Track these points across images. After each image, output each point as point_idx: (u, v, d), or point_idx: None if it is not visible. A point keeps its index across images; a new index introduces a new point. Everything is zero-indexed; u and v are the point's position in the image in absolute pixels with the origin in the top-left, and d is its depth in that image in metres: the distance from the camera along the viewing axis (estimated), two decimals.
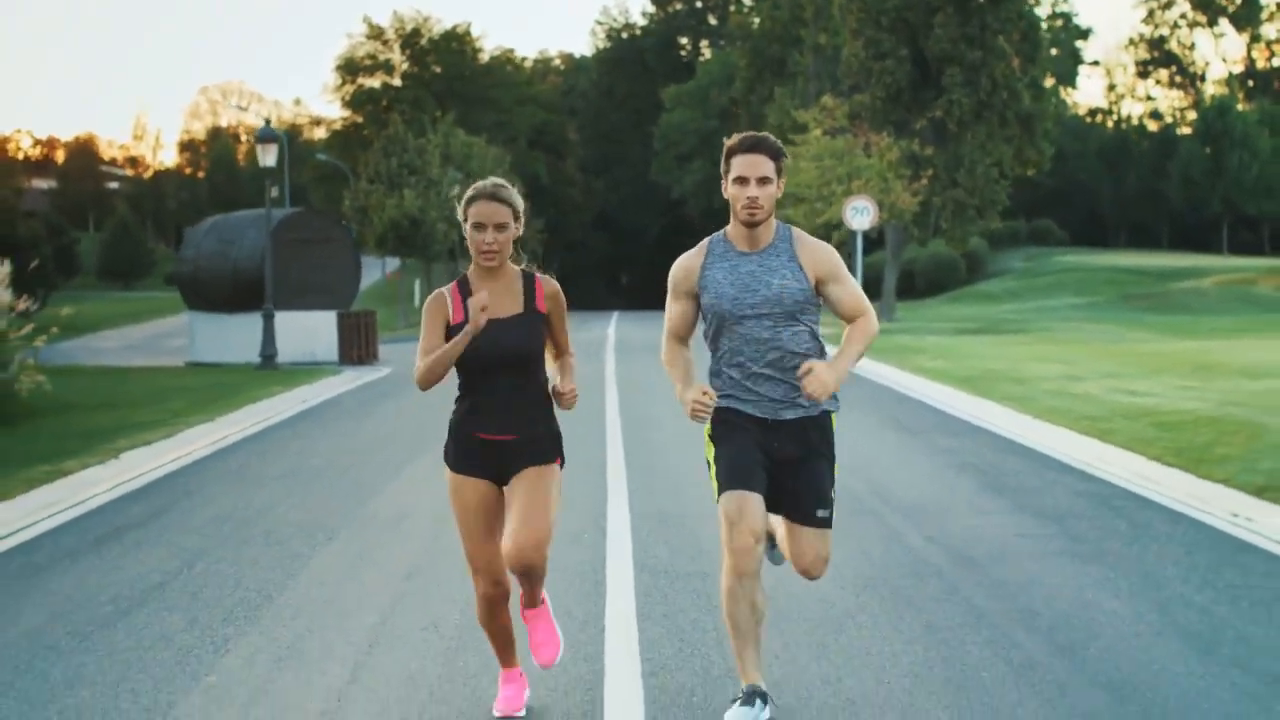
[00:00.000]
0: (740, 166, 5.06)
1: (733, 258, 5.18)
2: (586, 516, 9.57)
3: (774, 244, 5.18)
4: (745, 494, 5.09)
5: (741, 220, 5.12)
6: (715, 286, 5.15)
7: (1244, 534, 8.91)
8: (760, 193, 5.05)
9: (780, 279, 5.12)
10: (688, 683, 5.78)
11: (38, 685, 5.92)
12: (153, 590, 7.68)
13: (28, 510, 10.41)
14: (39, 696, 5.76)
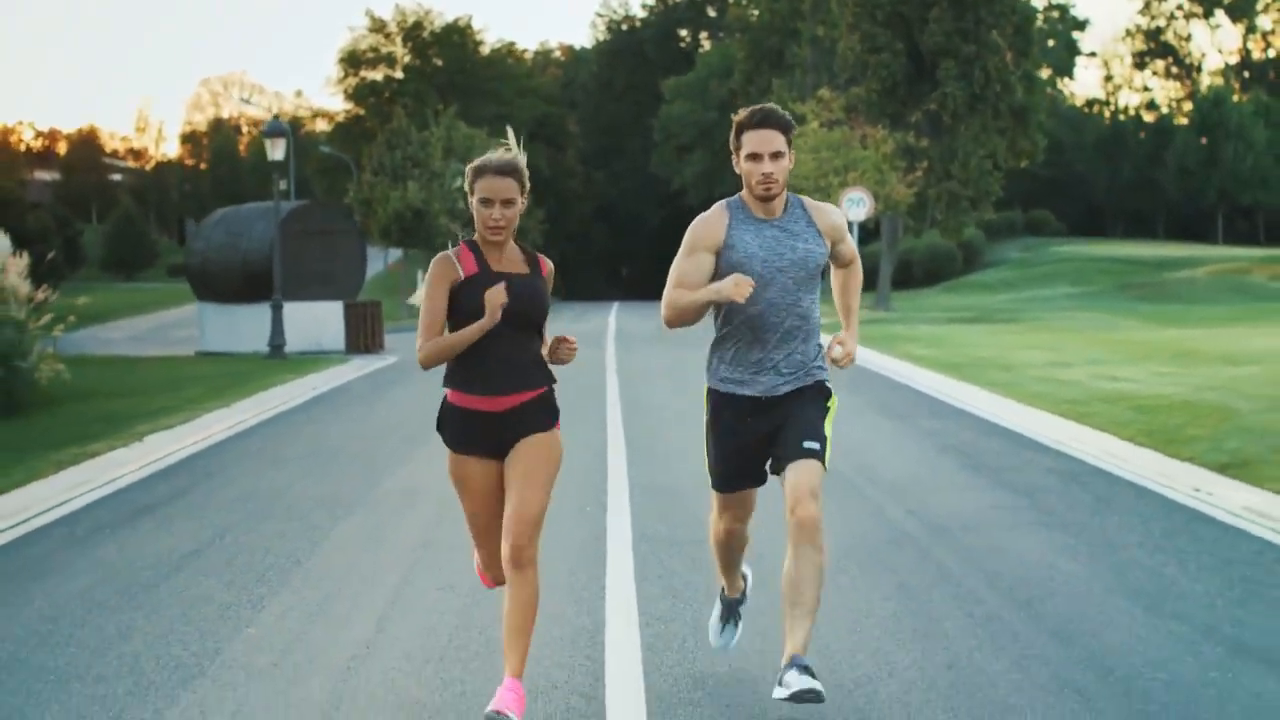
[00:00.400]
0: (752, 143, 5.12)
1: (755, 223, 5.23)
2: (588, 492, 10.22)
3: (789, 210, 5.28)
4: (734, 495, 5.47)
5: (758, 195, 5.19)
6: (744, 246, 5.19)
7: (1203, 506, 9.55)
8: (774, 168, 5.12)
9: (804, 243, 5.23)
10: (680, 631, 6.43)
11: (95, 637, 6.57)
12: (189, 557, 8.33)
13: (62, 488, 11.05)
14: (98, 646, 6.40)
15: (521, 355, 5.16)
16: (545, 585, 7.05)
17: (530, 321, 5.15)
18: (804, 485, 5.10)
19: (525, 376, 5.17)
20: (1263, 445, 11.75)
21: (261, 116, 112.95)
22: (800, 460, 5.15)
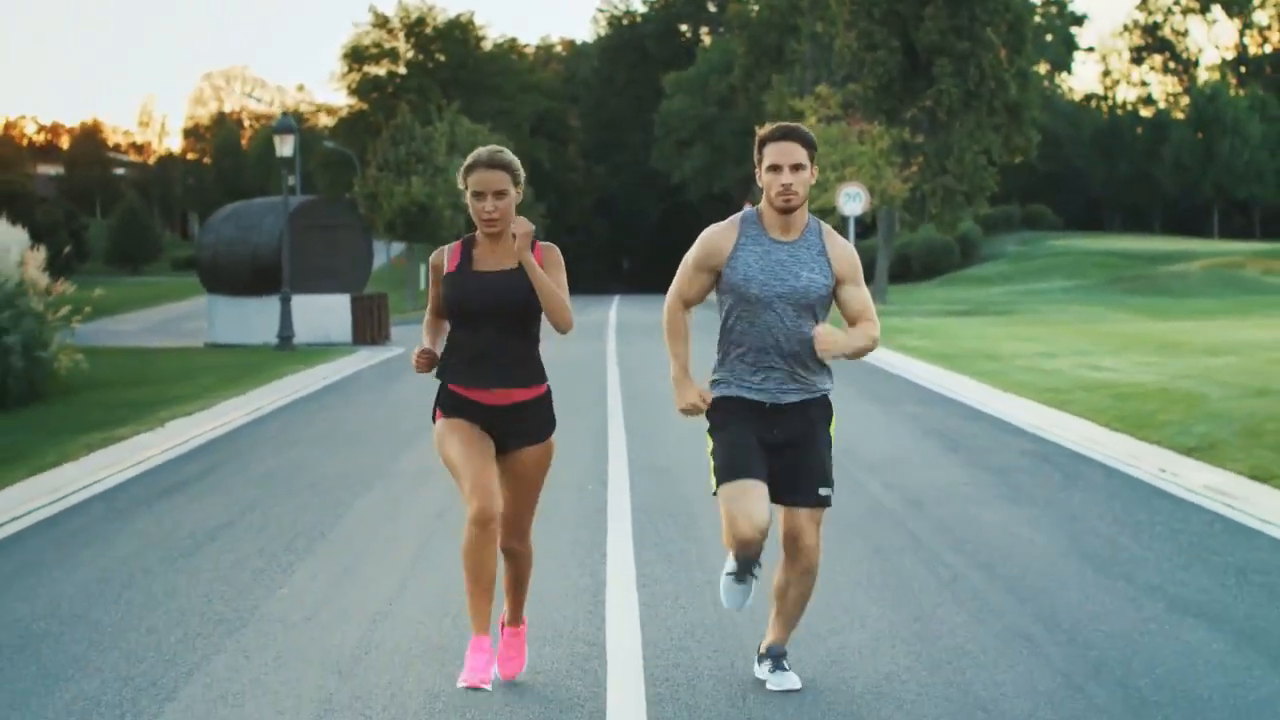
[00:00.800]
0: (773, 154, 5.16)
1: (765, 243, 5.25)
2: (589, 471, 10.90)
3: (805, 236, 5.28)
4: (744, 482, 5.21)
5: (777, 207, 5.20)
6: (744, 268, 5.23)
7: (1165, 485, 10.23)
8: (794, 179, 5.15)
9: (809, 272, 5.22)
10: (675, 590, 7.11)
11: (142, 595, 7.25)
12: (222, 528, 9.01)
13: (93, 468, 11.73)
14: (146, 603, 7.08)
15: (509, 351, 5.24)
16: (550, 553, 7.76)
17: (510, 317, 5.21)
18: (808, 521, 5.27)
19: (515, 373, 5.25)
20: (1229, 430, 12.43)
21: (265, 111, 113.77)
22: (811, 509, 5.28)
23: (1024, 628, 6.36)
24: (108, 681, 5.72)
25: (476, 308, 5.17)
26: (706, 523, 8.83)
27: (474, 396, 5.25)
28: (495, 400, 5.24)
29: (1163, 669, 5.71)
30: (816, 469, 5.26)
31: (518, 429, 5.29)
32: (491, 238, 5.24)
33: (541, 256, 5.27)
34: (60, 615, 6.87)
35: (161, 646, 6.24)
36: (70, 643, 6.36)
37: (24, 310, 18.98)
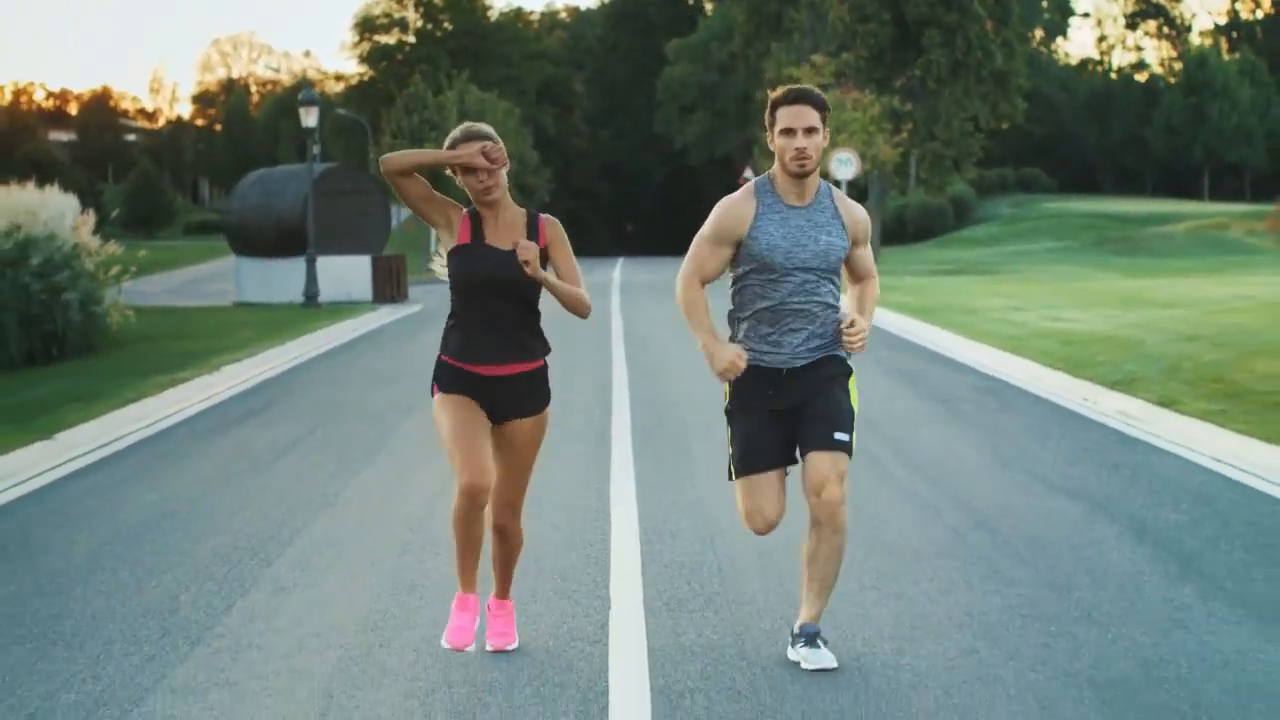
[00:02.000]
0: (786, 118, 5.13)
1: (782, 210, 5.22)
2: (596, 402, 12.78)
3: (818, 200, 5.26)
4: (758, 477, 5.31)
5: (791, 172, 5.17)
6: (767, 237, 5.19)
7: (1083, 410, 12.09)
8: (808, 143, 5.11)
9: (827, 235, 5.22)
10: (665, 483, 8.99)
11: (243, 489, 9.14)
12: (293, 444, 10.91)
13: (169, 403, 13.61)
14: (247, 494, 8.97)
15: (514, 325, 5.28)
16: (563, 459, 9.64)
17: (516, 292, 5.24)
18: (829, 469, 5.14)
19: (515, 348, 5.29)
20: (1152, 368, 14.28)
21: (271, 77, 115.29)
22: (829, 452, 5.17)
23: (934, 503, 8.24)
24: (237, 538, 7.62)
25: (487, 282, 5.18)
26: (695, 441, 10.74)
27: (472, 369, 5.28)
28: (492, 371, 5.27)
29: (1026, 525, 7.60)
30: (832, 414, 5.19)
31: (513, 401, 5.31)
32: (490, 208, 5.27)
33: (546, 234, 5.31)
34: (182, 501, 8.76)
35: (269, 520, 8.12)
36: (198, 517, 8.25)
37: (79, 270, 20.84)
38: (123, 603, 6.35)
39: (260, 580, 6.70)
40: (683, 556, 7.04)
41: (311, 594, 6.45)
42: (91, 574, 6.92)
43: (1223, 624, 5.76)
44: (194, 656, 5.52)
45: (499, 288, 5.20)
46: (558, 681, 5.13)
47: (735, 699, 4.93)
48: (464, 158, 5.11)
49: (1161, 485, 8.71)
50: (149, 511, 8.44)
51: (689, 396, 12.89)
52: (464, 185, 5.22)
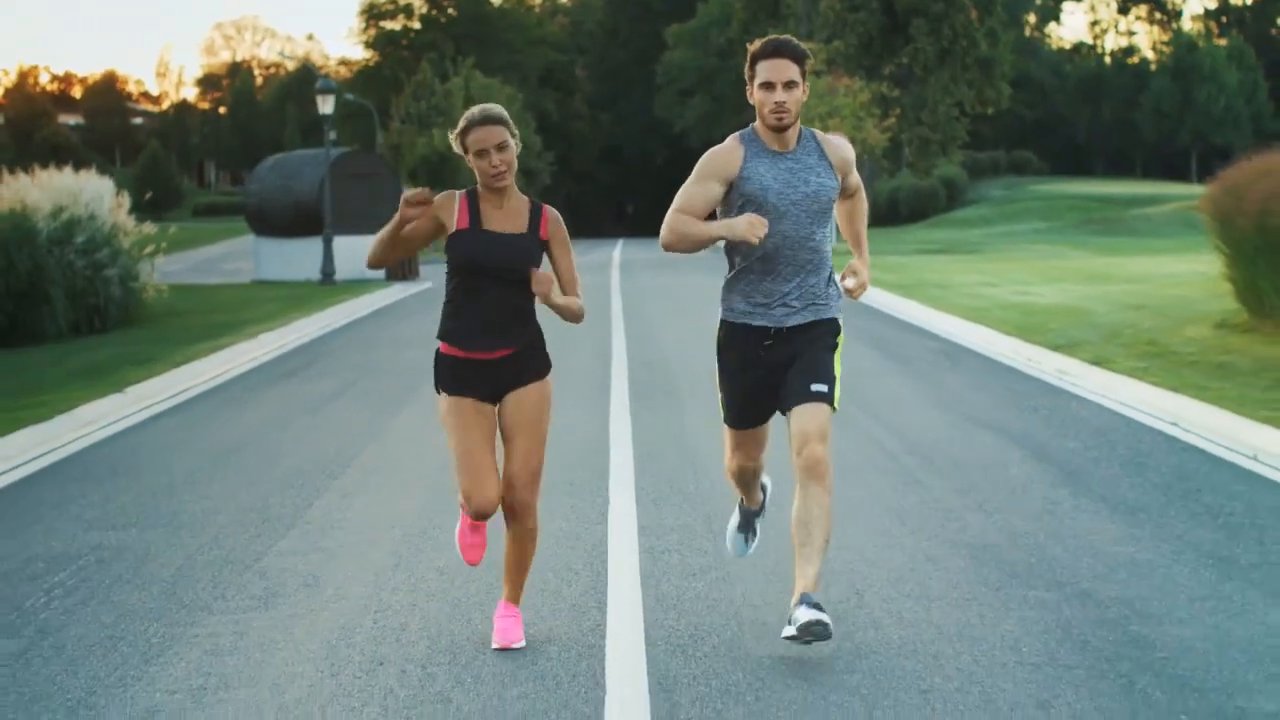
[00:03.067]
0: (765, 71, 5.09)
1: (769, 154, 5.22)
2: (596, 361, 14.47)
3: (802, 144, 5.27)
4: (746, 431, 5.49)
5: (770, 125, 5.16)
6: (759, 178, 5.18)
7: (1024, 368, 13.76)
8: (787, 97, 5.09)
9: (817, 177, 5.22)
10: (660, 424, 10.68)
11: (297, 430, 10.83)
12: (335, 395, 12.61)
13: (218, 364, 15.29)
14: (301, 434, 10.67)
15: (509, 311, 5.25)
16: (567, 405, 11.32)
17: (515, 279, 5.21)
18: (812, 426, 5.13)
19: (513, 334, 5.27)
20: (1096, 334, 15.96)
21: (275, 60, 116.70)
22: (808, 403, 5.17)
23: (880, 440, 9.92)
24: (303, 462, 9.32)
25: (488, 267, 5.17)
26: (685, 395, 12.42)
27: (470, 355, 5.26)
28: (490, 356, 5.25)
29: (955, 454, 9.29)
30: (814, 368, 5.22)
31: (513, 374, 5.30)
32: (497, 195, 5.25)
33: (548, 228, 5.31)
34: (250, 436, 10.47)
35: (327, 449, 9.81)
36: (267, 448, 9.95)
37: (118, 248, 22.52)
38: (225, 503, 8.06)
39: (329, 489, 8.40)
40: (670, 471, 8.75)
41: (372, 497, 8.15)
42: (192, 486, 8.63)
43: (1083, 513, 7.46)
44: (291, 534, 7.23)
45: (498, 274, 5.18)
46: (561, 565, 6.83)
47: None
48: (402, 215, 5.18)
49: (1070, 423, 10.41)
50: (225, 444, 10.15)
51: (680, 356, 14.58)
52: (476, 170, 5.19)
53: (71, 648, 5.41)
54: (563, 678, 4.95)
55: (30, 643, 5.51)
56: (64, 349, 18.09)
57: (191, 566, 6.63)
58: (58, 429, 10.91)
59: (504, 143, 5.14)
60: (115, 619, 5.79)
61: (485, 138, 5.13)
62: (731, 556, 6.17)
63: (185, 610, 5.88)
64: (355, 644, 5.37)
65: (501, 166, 5.15)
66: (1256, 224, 14.10)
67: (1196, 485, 8.11)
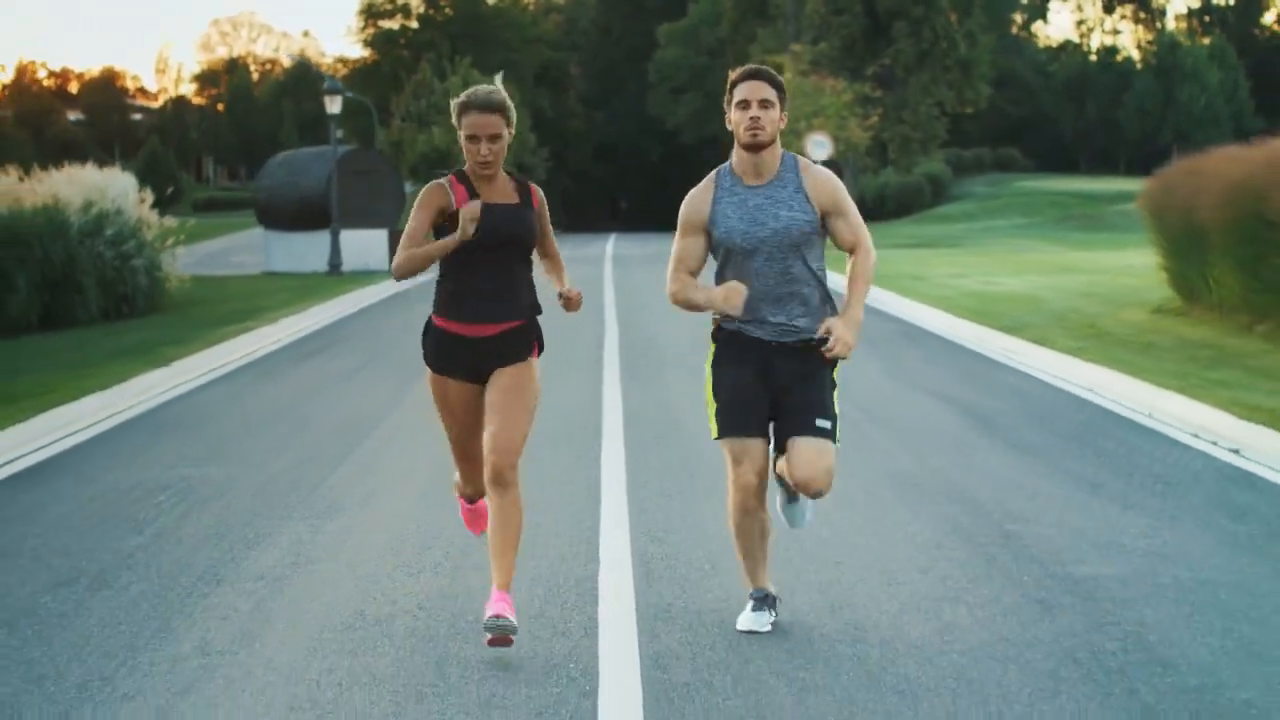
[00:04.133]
0: (742, 92, 5.17)
1: (740, 191, 5.24)
2: (591, 342, 16.07)
3: (780, 175, 5.25)
4: (745, 440, 5.24)
5: (744, 143, 5.19)
6: (724, 221, 5.22)
7: (976, 347, 15.36)
8: (762, 114, 5.14)
9: (788, 211, 5.19)
10: (646, 388, 12.28)
11: (328, 398, 12.42)
12: (356, 370, 14.19)
13: (247, 345, 16.85)
14: (328, 404, 12.24)
15: (508, 283, 5.27)
16: (563, 384, 12.92)
17: (516, 248, 5.25)
18: (819, 465, 5.18)
19: (510, 305, 5.28)
20: (1044, 319, 17.57)
21: (270, 57, 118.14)
22: (812, 438, 5.20)
23: (859, 423, 11.42)
24: (339, 422, 10.92)
25: (491, 239, 5.17)
26: (669, 370, 14.02)
27: (463, 332, 5.28)
28: (483, 333, 5.26)
29: (898, 413, 10.90)
30: (814, 402, 5.26)
31: (498, 355, 5.30)
32: (486, 181, 5.28)
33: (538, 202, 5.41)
34: (290, 402, 12.06)
35: (359, 412, 11.40)
36: (305, 411, 11.54)
37: (143, 241, 24.08)
38: (282, 448, 9.66)
39: (364, 443, 9.98)
40: (656, 428, 10.35)
41: (406, 443, 9.74)
42: (250, 436, 10.23)
43: (991, 453, 9.07)
44: (342, 468, 8.83)
45: (500, 241, 5.19)
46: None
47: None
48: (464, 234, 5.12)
49: (1001, 390, 12.03)
50: (270, 407, 11.76)
51: (664, 333, 16.18)
52: (465, 151, 5.22)
53: (187, 541, 7.01)
54: (562, 562, 6.55)
55: (154, 538, 7.10)
56: (99, 333, 19.63)
57: (266, 489, 8.23)
58: (119, 396, 12.49)
59: (498, 134, 5.18)
60: (214, 522, 7.39)
61: (481, 124, 5.17)
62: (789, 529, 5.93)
63: (267, 519, 7.47)
64: (406, 539, 6.96)
65: (490, 156, 5.19)
66: (1184, 219, 15.70)
67: (1092, 435, 9.73)
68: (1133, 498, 7.71)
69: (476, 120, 5.15)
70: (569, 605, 5.81)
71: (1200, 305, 15.98)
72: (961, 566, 6.35)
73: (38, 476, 8.86)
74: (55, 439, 10.19)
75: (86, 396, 12.29)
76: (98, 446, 9.94)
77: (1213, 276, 15.09)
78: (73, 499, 8.10)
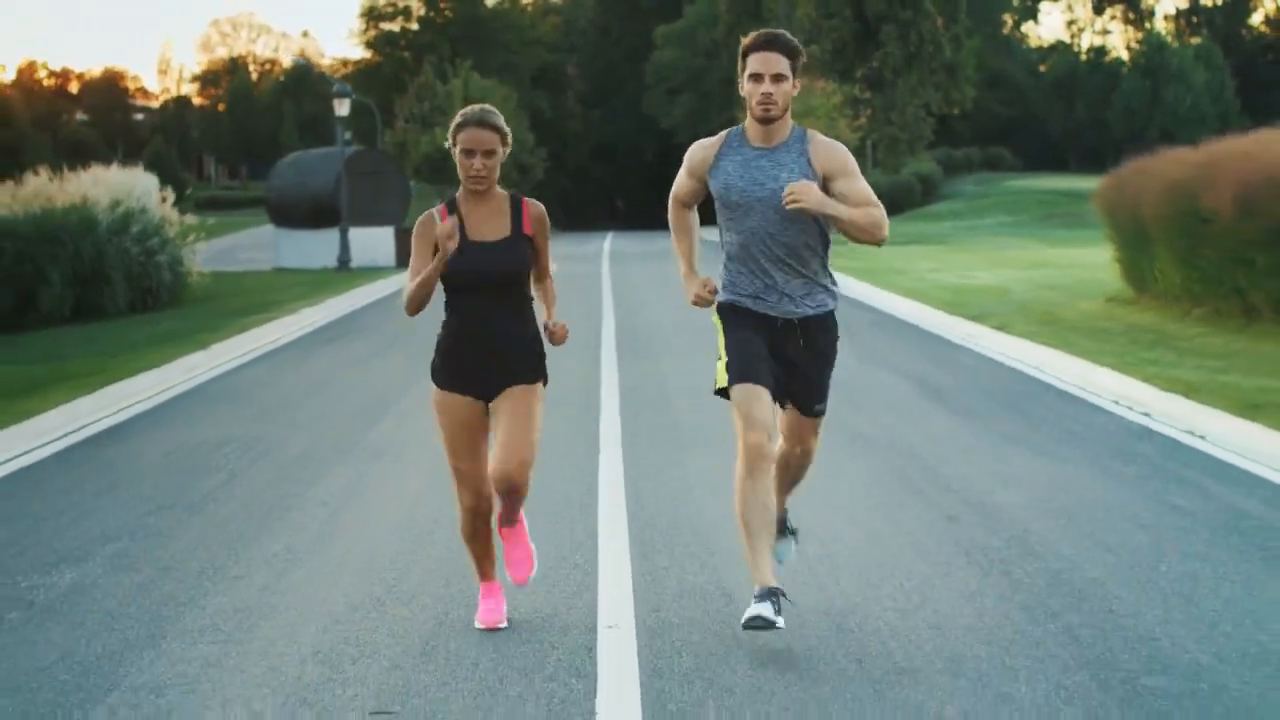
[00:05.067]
0: (755, 64, 5.13)
1: (746, 151, 5.29)
2: (590, 327, 17.52)
3: (787, 142, 5.28)
4: (755, 388, 5.25)
5: (756, 116, 5.20)
6: (724, 176, 5.28)
7: (939, 332, 16.79)
8: (775, 89, 5.12)
9: (787, 173, 5.20)
10: (638, 366, 13.73)
11: (350, 377, 13.86)
12: (377, 352, 15.65)
13: (273, 331, 18.29)
14: (355, 381, 13.68)
15: (507, 318, 5.31)
16: (564, 363, 14.32)
17: (511, 284, 5.31)
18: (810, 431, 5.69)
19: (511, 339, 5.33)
20: (1007, 308, 19.01)
21: (270, 57, 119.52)
22: (809, 419, 5.64)
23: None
24: (366, 397, 12.37)
25: (476, 280, 5.23)
26: (661, 351, 15.46)
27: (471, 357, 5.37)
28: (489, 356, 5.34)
29: (859, 385, 12.31)
30: (817, 389, 5.54)
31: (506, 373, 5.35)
32: (477, 196, 5.30)
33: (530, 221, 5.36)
34: (321, 379, 13.51)
35: (388, 386, 12.84)
36: (337, 387, 12.99)
37: (166, 237, 25.53)
38: (324, 414, 11.13)
39: (391, 410, 11.42)
40: (650, 397, 11.81)
41: (423, 416, 11.15)
42: (293, 406, 11.69)
43: (935, 416, 10.53)
44: (376, 429, 10.29)
45: (485, 282, 5.25)
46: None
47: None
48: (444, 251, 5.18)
49: (955, 368, 13.49)
50: (305, 383, 13.22)
51: (658, 322, 17.62)
52: (459, 166, 5.26)
53: (257, 480, 8.47)
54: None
55: (228, 478, 8.56)
56: (131, 323, 21.09)
57: (316, 443, 9.69)
58: (168, 374, 13.93)
59: (492, 150, 5.22)
60: (276, 467, 8.86)
61: (476, 140, 5.21)
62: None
63: (320, 464, 8.93)
64: (440, 479, 8.42)
65: (483, 171, 5.21)
66: (1132, 216, 17.15)
67: (1026, 403, 11.19)
68: (1046, 447, 9.17)
69: (472, 134, 5.21)
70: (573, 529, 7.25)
71: (1148, 294, 17.42)
72: (892, 495, 7.81)
73: (116, 436, 10.32)
74: (121, 408, 11.66)
75: (139, 375, 13.74)
76: (161, 413, 11.40)
77: (1157, 268, 16.54)
78: (151, 452, 9.57)
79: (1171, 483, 7.99)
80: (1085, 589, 5.92)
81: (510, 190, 5.43)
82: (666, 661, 5.09)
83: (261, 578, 6.30)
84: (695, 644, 5.27)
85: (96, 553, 6.81)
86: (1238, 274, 14.09)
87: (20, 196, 23.56)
